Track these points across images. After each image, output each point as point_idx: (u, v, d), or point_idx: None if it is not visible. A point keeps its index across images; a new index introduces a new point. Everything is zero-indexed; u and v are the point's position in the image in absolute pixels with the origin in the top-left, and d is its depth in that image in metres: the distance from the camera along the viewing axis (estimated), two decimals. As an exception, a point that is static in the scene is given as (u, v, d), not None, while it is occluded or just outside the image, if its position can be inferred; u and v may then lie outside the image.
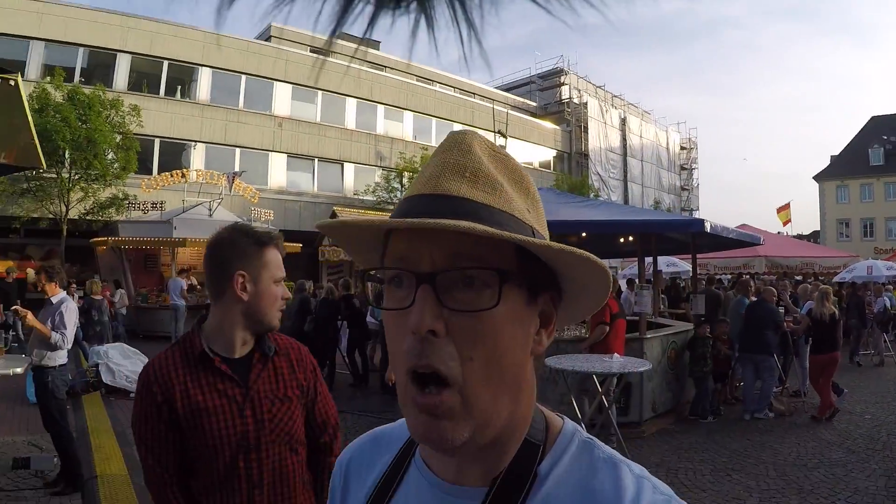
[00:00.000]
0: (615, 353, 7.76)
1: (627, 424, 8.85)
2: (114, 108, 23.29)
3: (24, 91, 5.06)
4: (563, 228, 10.23)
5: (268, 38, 35.39)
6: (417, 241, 0.81)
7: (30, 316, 6.48)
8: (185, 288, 19.59)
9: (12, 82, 4.80)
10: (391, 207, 29.85)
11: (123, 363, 11.33)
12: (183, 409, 2.19)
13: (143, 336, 18.50)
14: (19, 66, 26.98)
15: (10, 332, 12.94)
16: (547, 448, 0.90)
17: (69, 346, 6.77)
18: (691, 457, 7.96)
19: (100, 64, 28.70)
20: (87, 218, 23.28)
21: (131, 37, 28.58)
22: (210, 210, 22.57)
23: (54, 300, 6.68)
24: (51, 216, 22.74)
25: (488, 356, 0.82)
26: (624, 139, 48.96)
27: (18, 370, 6.65)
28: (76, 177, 22.32)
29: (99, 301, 13.12)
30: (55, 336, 6.41)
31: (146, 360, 10.90)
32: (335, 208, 29.09)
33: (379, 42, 40.18)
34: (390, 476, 1.00)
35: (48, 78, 24.46)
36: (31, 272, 16.20)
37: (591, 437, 0.95)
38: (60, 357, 6.65)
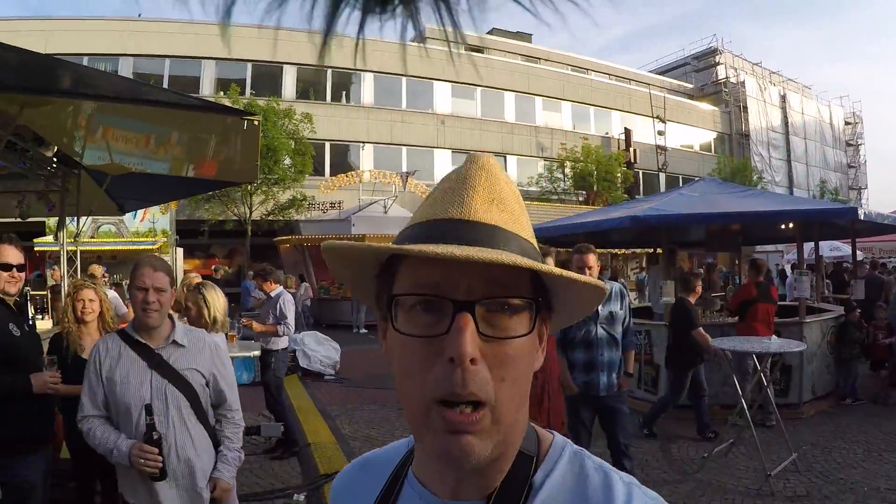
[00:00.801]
0: (773, 336, 7.80)
1: (787, 405, 8.88)
2: (287, 117, 25.17)
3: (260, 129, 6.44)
4: (722, 220, 10.53)
5: (423, 41, 36.55)
6: (454, 268, 0.81)
7: (255, 324, 7.75)
8: None
9: (256, 122, 6.05)
10: (554, 198, 30.28)
11: (317, 349, 12.53)
12: None
13: (325, 325, 19.63)
14: (195, 83, 30.31)
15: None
16: (540, 459, 0.94)
17: (292, 332, 7.96)
18: (846, 437, 7.95)
19: (267, 76, 31.02)
20: (269, 219, 25.32)
21: (294, 49, 30.12)
22: (385, 208, 23.88)
23: (273, 295, 7.85)
24: (235, 218, 24.89)
25: (516, 377, 0.85)
26: (785, 117, 46.68)
27: (256, 353, 7.91)
28: (258, 181, 24.01)
29: (293, 293, 13.99)
30: (280, 328, 7.61)
31: (338, 346, 12.19)
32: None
33: (531, 35, 40.53)
34: (384, 499, 1.02)
35: (221, 93, 27.03)
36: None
37: (580, 448, 0.99)
38: (283, 342, 7.83)
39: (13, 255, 4.02)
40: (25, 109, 5.68)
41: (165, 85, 30.16)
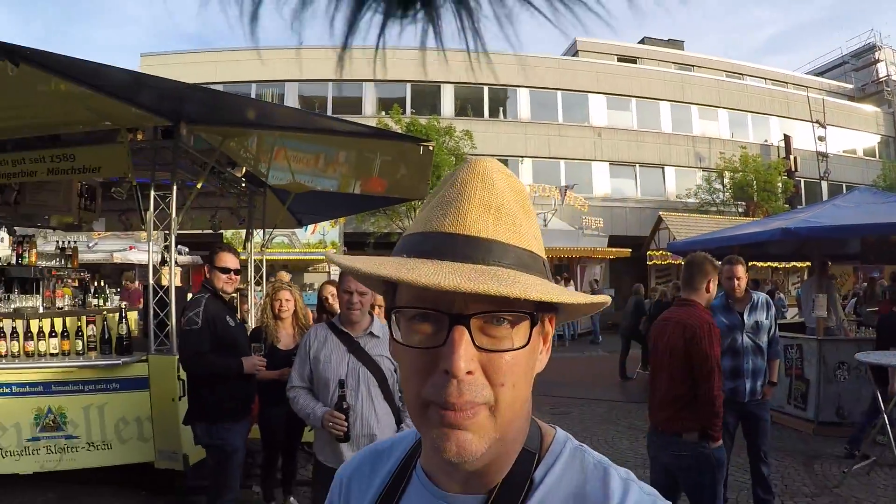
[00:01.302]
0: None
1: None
2: (447, 134, 26.09)
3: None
4: (876, 230, 10.13)
5: (575, 53, 36.61)
6: None
7: None
8: None
9: (430, 147, 6.74)
10: (713, 210, 29.50)
11: None
12: None
13: None
14: (357, 104, 31.97)
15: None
16: (541, 456, 0.97)
17: None
18: None
19: (426, 95, 32.22)
20: None
21: (452, 68, 31.35)
22: (545, 221, 23.98)
23: None
24: (399, 231, 25.83)
25: (514, 382, 0.87)
26: (957, 116, 41.45)
27: None
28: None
29: None
30: None
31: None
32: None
33: (682, 41, 39.72)
34: (391, 489, 1.05)
35: (383, 112, 28.46)
36: None
37: (581, 444, 1.01)
38: None
39: (231, 261, 5.02)
40: (225, 140, 6.63)
41: (329, 107, 32.26)
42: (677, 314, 4.67)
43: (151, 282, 6.36)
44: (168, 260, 6.58)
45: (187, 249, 15.42)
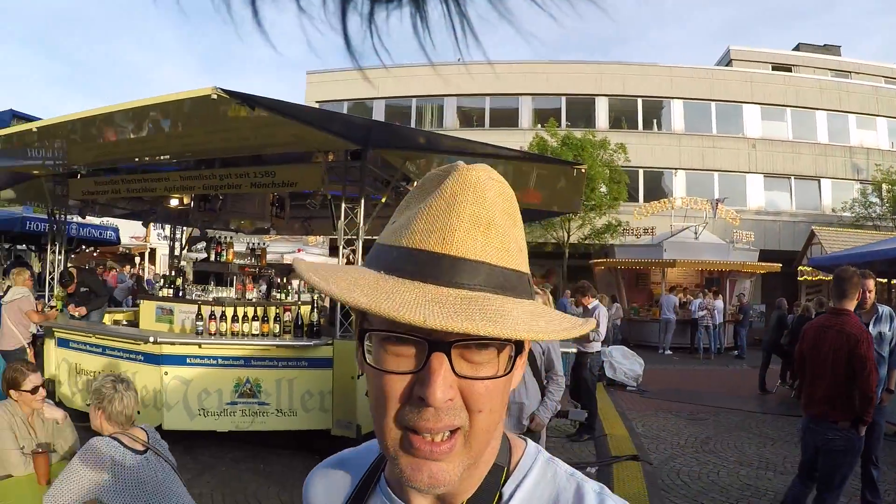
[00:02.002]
0: None
1: None
2: (601, 147, 26.50)
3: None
4: None
5: (728, 63, 35.96)
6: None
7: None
8: (678, 304, 21.39)
9: (583, 170, 7.68)
10: (870, 225, 28.11)
11: (623, 362, 13.58)
12: None
13: (633, 344, 19.89)
14: (513, 116, 33.07)
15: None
16: (510, 470, 0.95)
17: (601, 339, 9.58)
18: None
19: (581, 107, 32.68)
20: (585, 242, 26.93)
21: (605, 81, 32.09)
22: (696, 234, 23.97)
23: (590, 307, 9.20)
24: (554, 241, 26.80)
25: (491, 407, 0.84)
26: None
27: (573, 351, 9.51)
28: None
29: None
30: (592, 335, 8.94)
31: (642, 361, 13.27)
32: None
33: (839, 46, 37.98)
34: (354, 501, 1.03)
35: (539, 125, 29.48)
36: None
37: (552, 457, 1.00)
38: (595, 346, 9.29)
39: None
40: (405, 162, 7.77)
41: (486, 119, 33.43)
42: (836, 322, 5.27)
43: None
44: (353, 262, 7.71)
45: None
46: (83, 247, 17.63)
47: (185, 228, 12.70)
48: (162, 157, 8.05)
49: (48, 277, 10.97)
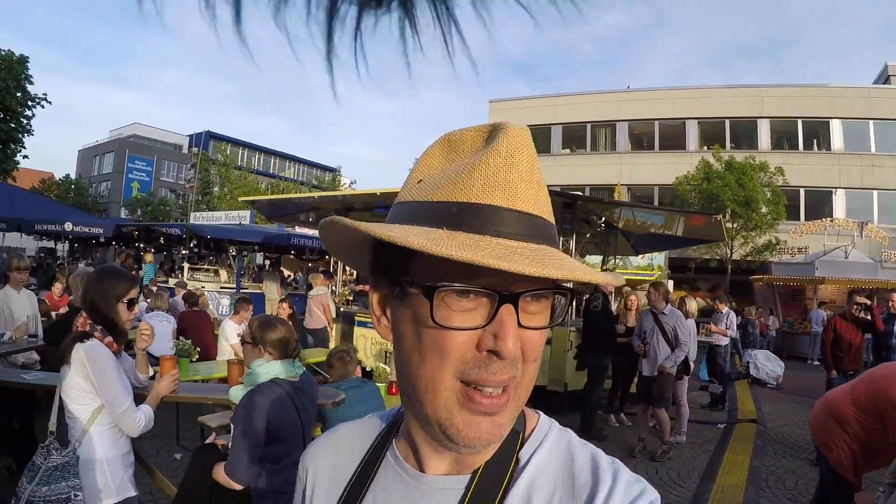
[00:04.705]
0: None
1: None
2: (761, 170, 28.12)
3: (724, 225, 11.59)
4: None
5: (886, 80, 36.47)
6: None
7: (713, 327, 12.21)
8: (825, 319, 22.00)
9: (718, 219, 10.98)
10: None
11: (765, 363, 15.67)
12: None
13: (785, 355, 20.32)
14: (681, 138, 35.19)
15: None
16: (526, 436, 0.95)
17: (727, 336, 12.01)
18: None
19: (744, 130, 34.26)
20: (747, 259, 28.79)
21: (767, 104, 33.47)
22: (846, 253, 24.97)
23: (723, 311, 11.95)
24: (717, 258, 28.98)
25: (538, 356, 0.87)
26: None
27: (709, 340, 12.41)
28: (737, 227, 27.66)
29: (752, 320, 17.29)
30: (718, 337, 11.93)
31: (782, 364, 16.00)
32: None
33: None
34: (364, 471, 1.01)
35: (705, 147, 31.81)
36: (697, 301, 21.17)
37: (565, 428, 0.99)
38: (724, 341, 11.92)
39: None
40: (604, 210, 11.33)
41: (656, 141, 35.88)
42: None
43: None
44: None
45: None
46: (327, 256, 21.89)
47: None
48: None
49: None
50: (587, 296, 10.23)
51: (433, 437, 0.88)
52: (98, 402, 3.32)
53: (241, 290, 15.71)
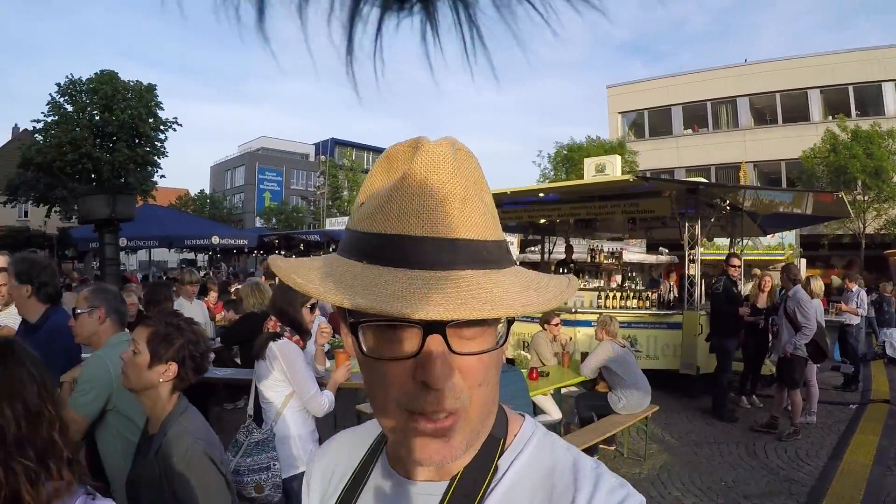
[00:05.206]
0: None
1: None
2: (890, 137, 27.26)
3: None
4: None
5: None
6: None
7: (843, 306, 12.27)
8: None
9: (838, 195, 11.14)
10: None
11: None
12: None
13: None
14: (804, 109, 34.24)
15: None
16: (507, 443, 0.95)
17: (858, 315, 12.09)
18: None
19: (869, 96, 33.10)
20: (881, 232, 27.94)
21: (891, 66, 31.94)
22: None
23: (853, 290, 12.11)
24: (850, 233, 28.05)
25: (489, 380, 0.86)
26: None
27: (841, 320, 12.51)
28: (869, 199, 27.12)
29: (889, 298, 16.00)
30: (858, 311, 12.02)
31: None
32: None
33: None
34: (357, 477, 1.05)
35: (829, 117, 31.04)
36: (833, 279, 20.74)
37: (550, 432, 1.00)
38: (854, 320, 12.06)
39: (736, 260, 9.86)
40: (727, 193, 11.77)
41: (779, 115, 35.04)
42: None
43: (693, 272, 11.56)
44: (694, 259, 11.49)
45: (667, 250, 20.89)
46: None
47: (551, 238, 17.23)
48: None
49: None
50: (713, 279, 10.56)
51: (404, 458, 0.93)
52: (289, 389, 4.18)
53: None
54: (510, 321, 0.87)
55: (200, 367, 2.72)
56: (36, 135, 40.11)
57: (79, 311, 3.52)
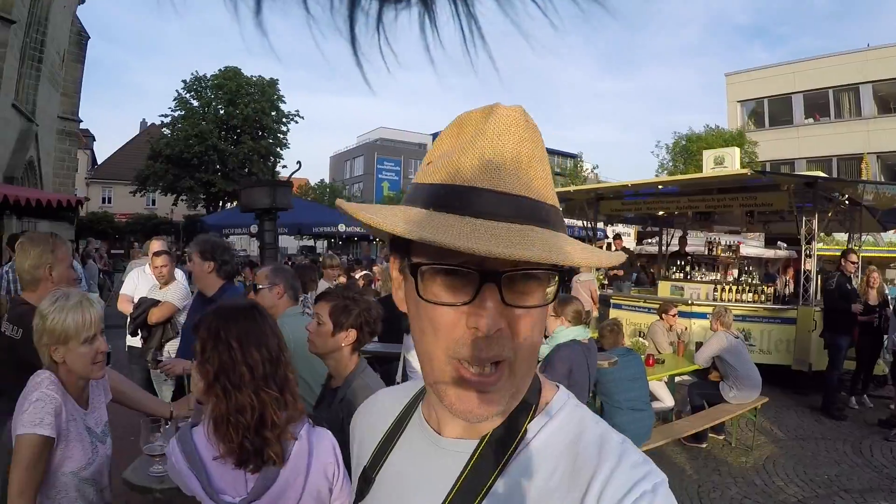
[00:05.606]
0: None
1: None
2: None
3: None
4: None
5: None
6: None
7: None
8: None
9: None
10: None
11: None
12: None
13: None
14: None
15: None
16: (538, 409, 0.98)
17: None
18: None
19: None
20: None
21: None
22: None
23: None
24: None
25: (533, 336, 0.89)
26: None
27: None
28: None
29: None
30: None
31: None
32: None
33: None
34: (392, 431, 1.11)
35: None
36: None
37: (581, 404, 1.02)
38: None
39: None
40: (846, 187, 11.62)
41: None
42: None
43: (809, 267, 11.54)
44: (811, 254, 11.42)
45: (785, 245, 20.36)
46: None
47: (668, 230, 17.33)
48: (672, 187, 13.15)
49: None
50: (828, 275, 10.50)
51: (446, 408, 0.92)
52: None
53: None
54: (561, 278, 0.89)
55: (374, 330, 3.19)
56: (163, 128, 42.62)
57: (260, 286, 4.20)
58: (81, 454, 2.60)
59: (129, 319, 6.47)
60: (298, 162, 9.09)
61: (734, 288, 12.07)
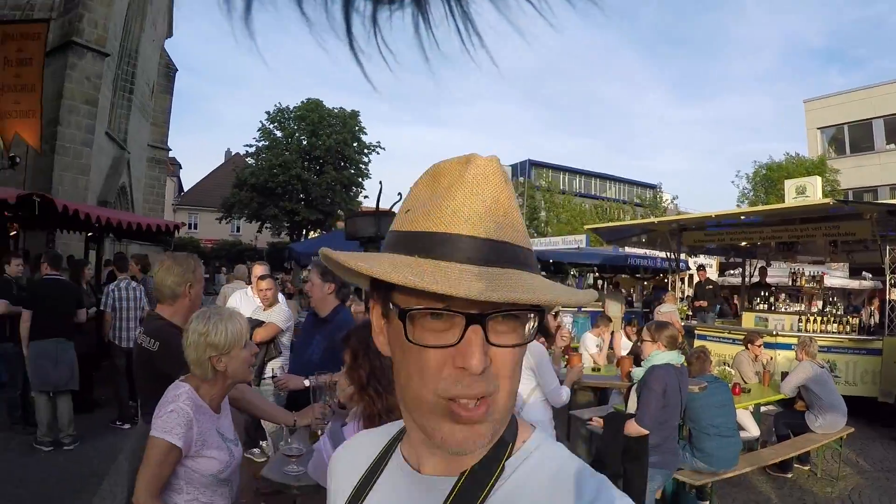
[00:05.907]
0: None
1: None
2: None
3: None
4: None
5: None
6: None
7: None
8: None
9: None
10: None
11: None
12: None
13: None
14: None
15: None
16: (515, 447, 1.00)
17: None
18: None
19: None
20: None
21: None
22: None
23: None
24: None
25: (513, 373, 0.92)
26: None
27: None
28: None
29: None
30: None
31: None
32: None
33: None
34: (372, 471, 1.12)
35: None
36: None
37: (558, 442, 1.05)
38: None
39: None
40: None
41: None
42: None
43: (893, 296, 11.48)
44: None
45: (870, 275, 20.28)
46: (660, 275, 23.33)
47: (751, 260, 17.35)
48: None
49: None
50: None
51: (426, 440, 0.95)
52: (534, 382, 5.27)
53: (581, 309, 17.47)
54: (540, 318, 0.93)
55: None
56: (248, 158, 43.94)
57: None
58: (220, 458, 2.87)
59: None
60: (381, 182, 9.51)
61: (819, 319, 12.03)
